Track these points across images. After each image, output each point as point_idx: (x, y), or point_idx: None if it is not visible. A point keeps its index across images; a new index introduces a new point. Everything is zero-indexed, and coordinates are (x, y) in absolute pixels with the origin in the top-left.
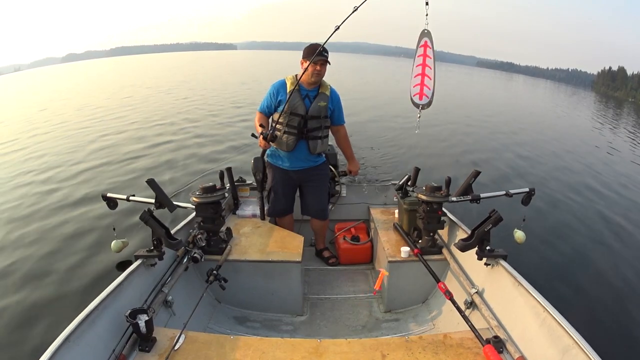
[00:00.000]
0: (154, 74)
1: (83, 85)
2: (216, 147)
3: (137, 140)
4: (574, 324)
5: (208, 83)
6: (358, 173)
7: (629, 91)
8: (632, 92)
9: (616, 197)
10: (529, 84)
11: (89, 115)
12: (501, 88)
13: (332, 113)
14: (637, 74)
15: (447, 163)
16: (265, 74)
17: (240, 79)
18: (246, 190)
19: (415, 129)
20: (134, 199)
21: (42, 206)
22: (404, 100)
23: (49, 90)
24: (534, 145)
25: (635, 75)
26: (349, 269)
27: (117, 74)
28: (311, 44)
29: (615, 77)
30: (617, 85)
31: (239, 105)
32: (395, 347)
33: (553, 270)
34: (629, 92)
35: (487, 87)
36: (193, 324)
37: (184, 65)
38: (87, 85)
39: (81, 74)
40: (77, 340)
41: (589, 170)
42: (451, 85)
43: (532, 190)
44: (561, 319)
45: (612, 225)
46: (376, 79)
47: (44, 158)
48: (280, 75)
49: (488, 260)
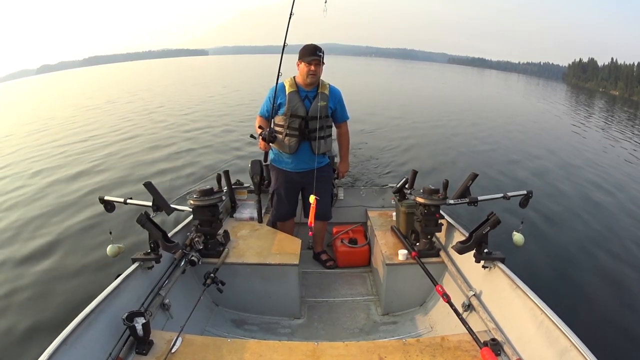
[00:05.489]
0: (135, 81)
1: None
2: (211, 151)
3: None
4: (572, 326)
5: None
6: (345, 175)
7: (600, 82)
8: (602, 82)
9: (616, 197)
10: (502, 78)
11: (76, 122)
12: (486, 85)
13: (334, 111)
14: (608, 65)
15: (444, 166)
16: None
17: (221, 83)
18: (244, 193)
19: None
20: (132, 202)
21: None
22: (401, 100)
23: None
24: (533, 146)
25: (606, 66)
26: (347, 272)
27: (106, 83)
28: (305, 45)
29: (586, 68)
30: (588, 76)
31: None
32: (393, 350)
33: (551, 273)
34: (599, 83)
35: (477, 85)
36: (190, 327)
37: (169, 71)
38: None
39: (71, 83)
40: (74, 343)
41: (589, 170)
42: (435, 84)
43: (529, 193)
44: (559, 321)
45: (611, 226)
46: (356, 79)
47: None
48: (261, 78)
49: (486, 263)
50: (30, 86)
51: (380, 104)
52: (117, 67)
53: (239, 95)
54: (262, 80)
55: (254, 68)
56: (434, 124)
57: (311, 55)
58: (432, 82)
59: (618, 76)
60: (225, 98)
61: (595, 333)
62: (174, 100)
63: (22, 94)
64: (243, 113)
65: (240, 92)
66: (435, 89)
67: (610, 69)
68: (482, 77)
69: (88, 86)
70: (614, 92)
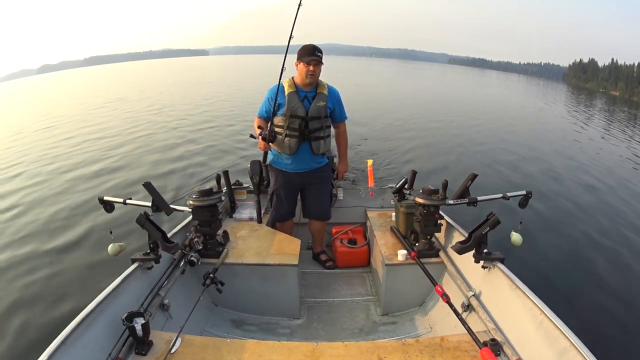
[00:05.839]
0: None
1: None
2: (211, 151)
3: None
4: (571, 326)
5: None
6: (344, 176)
7: (600, 82)
8: (602, 82)
9: (616, 197)
10: (502, 78)
11: (76, 122)
12: (489, 86)
13: (333, 111)
14: (608, 65)
15: (444, 166)
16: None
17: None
18: (243, 194)
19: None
20: (131, 202)
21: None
22: (402, 100)
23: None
24: (530, 146)
25: (606, 67)
26: (346, 272)
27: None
28: (304, 45)
29: (587, 68)
30: (588, 76)
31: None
32: (392, 350)
33: (550, 273)
34: (599, 83)
35: (480, 86)
36: (190, 327)
37: (173, 72)
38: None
39: (75, 83)
40: (74, 343)
41: (589, 170)
42: (437, 84)
43: (529, 193)
44: (558, 322)
45: (610, 227)
46: (363, 80)
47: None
48: (262, 78)
49: (485, 263)
50: (31, 86)
51: (381, 104)
52: (119, 67)
53: (239, 95)
54: (264, 80)
55: (254, 68)
56: (434, 124)
57: (310, 55)
58: (432, 83)
59: (618, 77)
60: (226, 97)
61: (595, 333)
62: (175, 101)
63: (23, 94)
64: (243, 113)
65: (240, 92)
66: (435, 89)
67: (610, 69)
68: (482, 78)
69: (90, 86)
70: (614, 92)
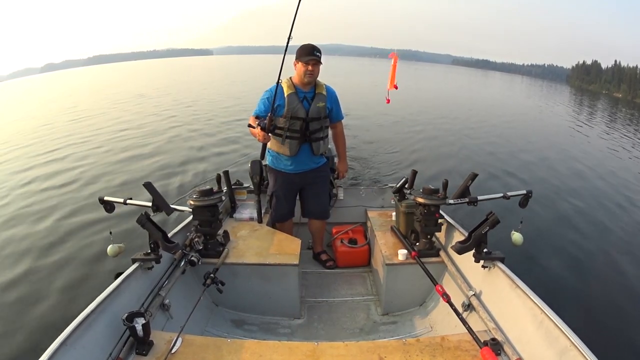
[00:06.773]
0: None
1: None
2: (211, 151)
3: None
4: (572, 325)
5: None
6: (345, 176)
7: (603, 84)
8: (605, 84)
9: (616, 196)
10: (506, 80)
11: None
12: (492, 87)
13: (331, 111)
14: (611, 67)
15: (444, 166)
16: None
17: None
18: (243, 194)
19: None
20: (131, 202)
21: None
22: (403, 101)
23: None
24: (531, 145)
25: (609, 68)
26: (347, 272)
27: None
28: (303, 45)
29: (590, 70)
30: (592, 78)
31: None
32: (393, 350)
33: (550, 272)
34: (602, 85)
35: (482, 87)
36: (190, 327)
37: (178, 71)
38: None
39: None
40: (74, 344)
41: (589, 170)
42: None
43: (529, 193)
44: (558, 321)
45: (610, 226)
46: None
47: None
48: (264, 77)
49: (485, 263)
50: (35, 85)
51: (382, 105)
52: (122, 67)
53: (240, 96)
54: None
55: (259, 68)
56: (435, 124)
57: (309, 55)
58: (436, 85)
59: (621, 78)
60: (226, 97)
61: (595, 332)
62: (177, 100)
63: (25, 92)
64: (243, 113)
65: (242, 92)
66: (439, 90)
67: (613, 71)
68: (486, 79)
69: (93, 86)
70: (617, 94)
